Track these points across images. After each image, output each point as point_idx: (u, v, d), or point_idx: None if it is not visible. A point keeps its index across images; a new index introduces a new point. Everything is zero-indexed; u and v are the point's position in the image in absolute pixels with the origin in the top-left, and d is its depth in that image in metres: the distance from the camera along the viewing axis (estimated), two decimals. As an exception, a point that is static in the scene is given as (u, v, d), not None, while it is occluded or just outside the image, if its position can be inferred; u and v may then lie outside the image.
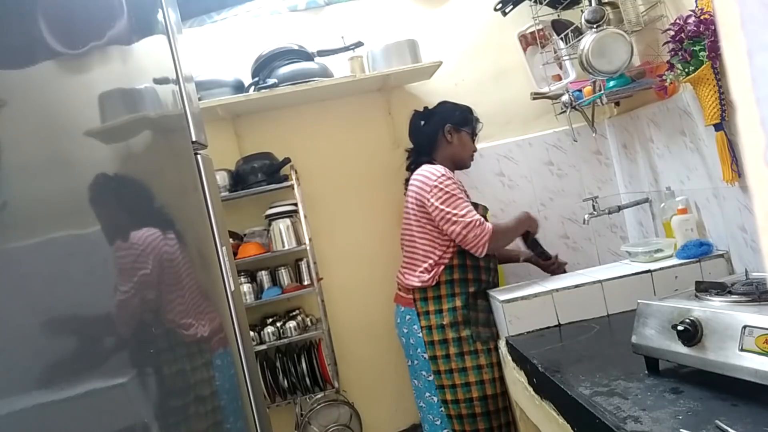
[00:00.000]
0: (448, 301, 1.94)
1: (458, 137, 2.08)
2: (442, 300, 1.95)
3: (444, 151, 2.08)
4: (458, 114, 2.10)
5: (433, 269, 1.96)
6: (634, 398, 1.15)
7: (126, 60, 0.94)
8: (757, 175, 0.26)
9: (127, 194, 0.84)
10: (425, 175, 1.95)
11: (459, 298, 1.94)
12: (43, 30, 0.66)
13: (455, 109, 2.12)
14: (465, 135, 2.09)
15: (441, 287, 1.95)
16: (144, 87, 0.99)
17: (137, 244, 0.81)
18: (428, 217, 1.95)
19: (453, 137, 2.07)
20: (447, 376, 1.93)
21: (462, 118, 2.09)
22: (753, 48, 0.25)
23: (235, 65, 2.42)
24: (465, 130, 2.09)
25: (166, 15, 1.19)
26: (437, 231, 1.95)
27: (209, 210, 1.17)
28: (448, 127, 2.07)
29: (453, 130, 2.07)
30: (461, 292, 1.95)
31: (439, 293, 1.95)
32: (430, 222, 1.96)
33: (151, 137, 0.98)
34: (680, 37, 1.57)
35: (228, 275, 1.20)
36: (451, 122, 2.07)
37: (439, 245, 1.95)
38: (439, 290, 1.96)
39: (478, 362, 1.91)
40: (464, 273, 1.96)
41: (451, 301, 1.94)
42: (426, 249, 1.98)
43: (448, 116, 2.08)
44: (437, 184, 1.91)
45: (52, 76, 0.68)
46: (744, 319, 1.03)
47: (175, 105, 1.14)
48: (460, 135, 2.08)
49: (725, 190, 1.69)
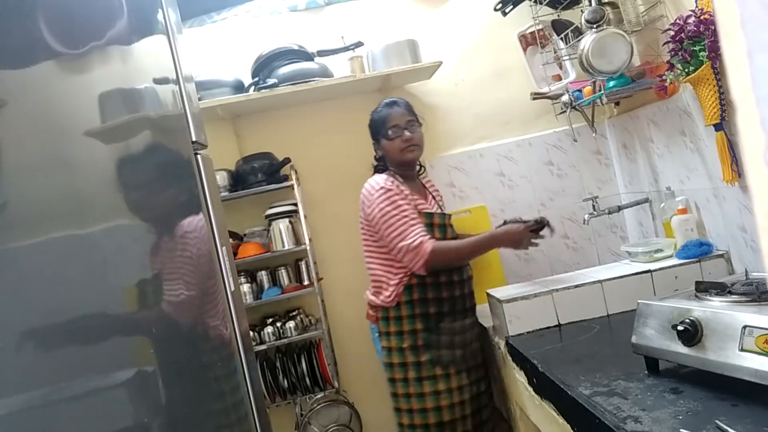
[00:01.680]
0: (409, 322, 1.84)
1: (382, 147, 1.95)
2: (403, 321, 1.85)
3: (387, 158, 1.97)
4: (371, 127, 1.99)
5: (393, 288, 1.85)
6: (634, 398, 1.15)
7: (126, 60, 0.94)
8: (757, 175, 0.26)
9: (127, 194, 0.84)
10: (364, 191, 1.89)
11: (420, 320, 1.84)
12: (43, 30, 0.66)
13: (370, 122, 2.00)
14: (384, 141, 1.93)
15: (401, 308, 1.85)
16: (144, 87, 0.99)
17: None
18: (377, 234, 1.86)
19: (379, 148, 1.98)
20: (404, 400, 1.86)
21: (373, 130, 1.98)
22: (753, 48, 0.25)
23: (235, 65, 2.42)
24: (381, 138, 1.93)
25: (166, 15, 1.19)
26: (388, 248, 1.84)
27: (209, 210, 1.17)
28: (373, 144, 2.00)
29: (376, 145, 1.99)
30: (421, 313, 1.84)
31: (399, 314, 1.85)
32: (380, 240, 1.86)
33: (151, 137, 0.98)
34: (680, 37, 1.57)
35: (228, 275, 1.20)
36: (373, 138, 1.99)
37: (395, 263, 1.85)
38: (399, 311, 1.85)
39: (437, 388, 1.83)
40: (424, 292, 1.85)
41: (411, 323, 1.84)
42: (382, 267, 1.88)
43: (370, 129, 2.00)
44: (372, 201, 1.83)
45: (52, 76, 0.68)
46: (744, 319, 1.03)
47: (175, 105, 1.14)
48: (381, 145, 1.95)
49: (725, 190, 1.69)
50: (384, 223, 1.78)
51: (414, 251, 1.75)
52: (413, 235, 1.76)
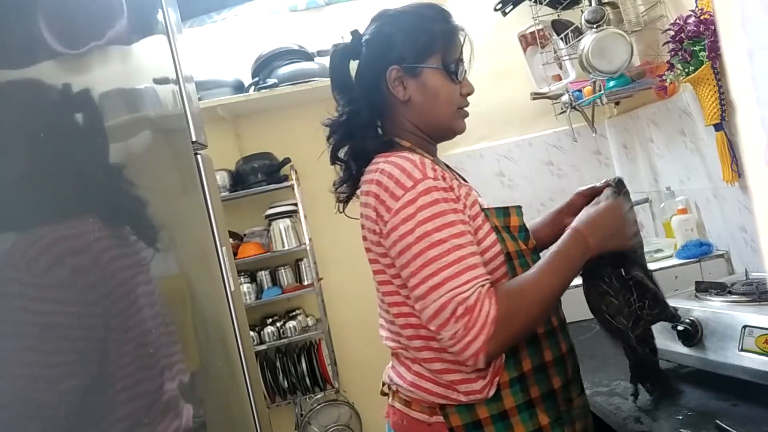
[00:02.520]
0: (524, 419, 0.93)
1: (418, 85, 0.99)
2: (513, 419, 0.93)
3: (399, 117, 1.02)
4: (406, 35, 0.99)
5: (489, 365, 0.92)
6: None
7: (126, 60, 0.94)
8: (757, 175, 0.26)
9: (127, 194, 0.84)
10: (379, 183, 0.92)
11: (543, 407, 0.94)
12: (43, 30, 0.66)
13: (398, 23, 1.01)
14: (432, 75, 0.99)
15: (505, 396, 0.93)
16: (144, 87, 0.99)
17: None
18: None
19: (408, 88, 0.99)
20: None
21: (417, 42, 0.99)
22: (753, 48, 0.25)
23: (235, 65, 2.42)
24: (430, 66, 0.99)
25: (166, 15, 1.19)
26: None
27: (209, 210, 1.17)
28: (393, 71, 0.98)
29: (403, 75, 0.99)
30: (545, 393, 0.95)
31: (502, 407, 0.93)
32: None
33: (151, 137, 0.98)
34: (680, 37, 1.57)
35: (228, 275, 1.20)
36: (395, 57, 0.99)
37: None
38: (501, 402, 0.93)
39: None
40: (538, 355, 0.96)
41: (529, 419, 0.93)
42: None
43: (386, 48, 1.00)
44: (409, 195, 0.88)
45: (52, 76, 0.68)
46: (744, 319, 1.03)
47: (175, 105, 1.14)
48: (421, 80, 0.99)
49: (725, 190, 1.69)
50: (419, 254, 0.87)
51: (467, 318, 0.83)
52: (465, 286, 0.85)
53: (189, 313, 0.99)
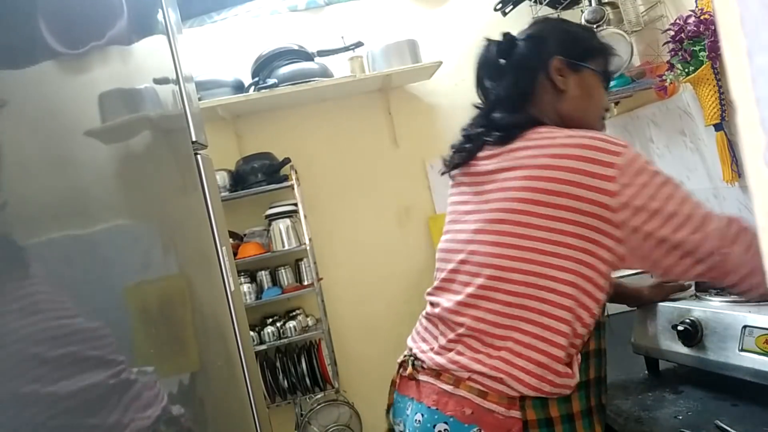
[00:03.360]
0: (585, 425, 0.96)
1: (577, 80, 1.06)
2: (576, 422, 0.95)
3: (549, 106, 1.06)
4: (573, 35, 1.10)
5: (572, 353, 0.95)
6: (634, 398, 1.15)
7: (126, 60, 0.94)
8: (757, 175, 0.26)
9: (127, 194, 0.84)
10: (586, 144, 0.91)
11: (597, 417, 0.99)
12: (43, 30, 0.66)
13: (565, 27, 1.13)
14: (591, 76, 1.07)
15: (573, 399, 0.95)
16: (144, 87, 0.99)
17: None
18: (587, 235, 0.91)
19: (567, 80, 1.06)
20: None
21: (581, 43, 1.09)
22: (753, 48, 0.25)
23: (235, 65, 2.42)
24: (590, 67, 1.07)
25: (166, 15, 1.19)
26: (599, 267, 0.93)
27: (209, 210, 1.17)
28: (558, 60, 1.05)
29: (565, 67, 1.06)
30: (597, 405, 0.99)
31: (570, 409, 0.95)
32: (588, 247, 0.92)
33: (151, 137, 0.98)
34: (680, 37, 1.57)
35: (228, 275, 1.20)
36: (560, 51, 1.06)
37: (590, 297, 0.93)
38: (570, 404, 0.95)
39: None
40: (599, 367, 1.00)
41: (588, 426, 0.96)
42: (562, 305, 0.92)
43: (552, 41, 1.08)
44: (625, 159, 0.90)
45: (52, 76, 0.68)
46: (744, 319, 1.03)
47: (175, 105, 1.14)
48: (580, 76, 1.06)
49: (725, 190, 1.69)
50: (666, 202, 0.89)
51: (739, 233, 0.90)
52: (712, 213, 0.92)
53: (189, 313, 0.99)
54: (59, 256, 0.62)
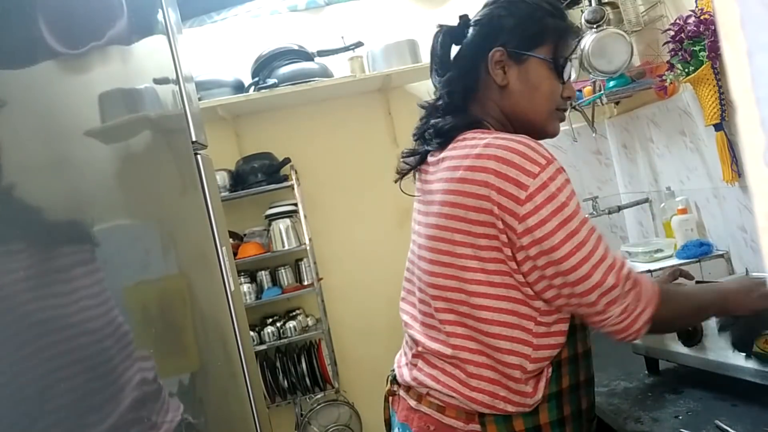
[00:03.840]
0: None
1: (519, 73, 0.97)
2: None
3: (491, 102, 0.99)
4: (520, 19, 0.97)
5: (536, 373, 0.92)
6: (634, 398, 1.15)
7: (126, 60, 0.94)
8: (757, 175, 0.26)
9: (127, 194, 0.84)
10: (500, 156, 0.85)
11: (572, 426, 0.95)
12: (43, 30, 0.66)
13: (515, 7, 0.98)
14: (537, 66, 0.96)
15: (542, 411, 0.93)
16: (144, 87, 0.99)
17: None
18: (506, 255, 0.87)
19: (508, 73, 0.97)
20: None
21: (529, 28, 0.97)
22: (753, 48, 0.25)
23: (235, 65, 2.42)
24: (537, 56, 0.96)
25: (166, 15, 1.19)
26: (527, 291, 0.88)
27: (209, 210, 1.17)
28: (497, 52, 0.96)
29: (507, 59, 0.96)
30: (573, 412, 0.95)
31: (537, 422, 0.92)
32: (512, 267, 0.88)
33: (151, 137, 0.98)
34: (680, 37, 1.57)
35: (228, 275, 1.20)
36: (503, 39, 0.97)
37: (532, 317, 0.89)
38: (537, 416, 0.92)
39: None
40: (575, 374, 0.96)
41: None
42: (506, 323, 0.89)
43: (495, 28, 0.98)
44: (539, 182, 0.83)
45: (52, 76, 0.68)
46: (744, 319, 1.03)
47: (175, 105, 1.14)
48: (524, 68, 0.96)
49: (725, 190, 1.69)
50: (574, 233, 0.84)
51: (636, 289, 0.87)
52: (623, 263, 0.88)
53: (189, 313, 0.99)
54: (59, 255, 0.62)
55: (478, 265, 0.87)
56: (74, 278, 0.63)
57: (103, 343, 0.66)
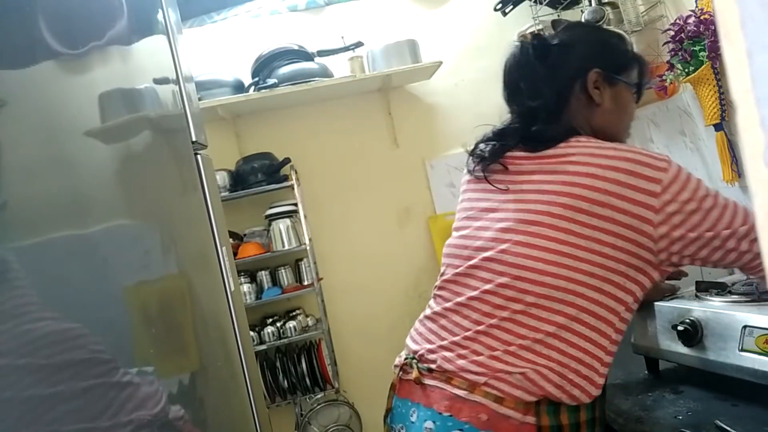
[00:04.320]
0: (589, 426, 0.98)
1: (612, 94, 1.06)
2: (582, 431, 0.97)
3: (581, 116, 1.06)
4: (612, 47, 1.10)
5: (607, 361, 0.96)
6: (634, 398, 1.15)
7: (126, 60, 0.94)
8: (757, 175, 0.26)
9: (127, 194, 0.84)
10: (630, 158, 0.92)
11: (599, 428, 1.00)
12: (43, 30, 0.66)
13: (605, 37, 1.12)
14: (625, 90, 1.08)
15: (582, 407, 0.96)
16: (144, 87, 0.99)
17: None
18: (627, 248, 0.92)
19: (603, 93, 1.06)
20: None
21: (620, 56, 1.10)
22: (753, 48, 0.25)
23: (235, 65, 2.42)
24: (625, 81, 1.07)
25: (166, 15, 1.19)
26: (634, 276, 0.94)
27: (209, 210, 1.17)
28: (595, 73, 1.05)
29: (601, 81, 1.06)
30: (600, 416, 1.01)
31: (578, 419, 0.96)
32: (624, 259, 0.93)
33: (151, 137, 0.98)
34: (680, 37, 1.57)
35: (228, 275, 1.20)
36: (599, 63, 1.06)
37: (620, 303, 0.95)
38: (578, 412, 0.96)
39: None
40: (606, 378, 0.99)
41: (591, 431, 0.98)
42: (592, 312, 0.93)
43: (592, 51, 1.08)
44: (670, 175, 0.91)
45: (52, 76, 0.68)
46: (744, 319, 1.03)
47: (175, 105, 1.14)
48: (616, 90, 1.07)
49: (725, 190, 1.69)
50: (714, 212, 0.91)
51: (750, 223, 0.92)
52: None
53: (189, 313, 0.99)
54: (59, 255, 0.62)
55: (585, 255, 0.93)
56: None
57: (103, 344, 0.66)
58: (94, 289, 0.68)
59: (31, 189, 0.59)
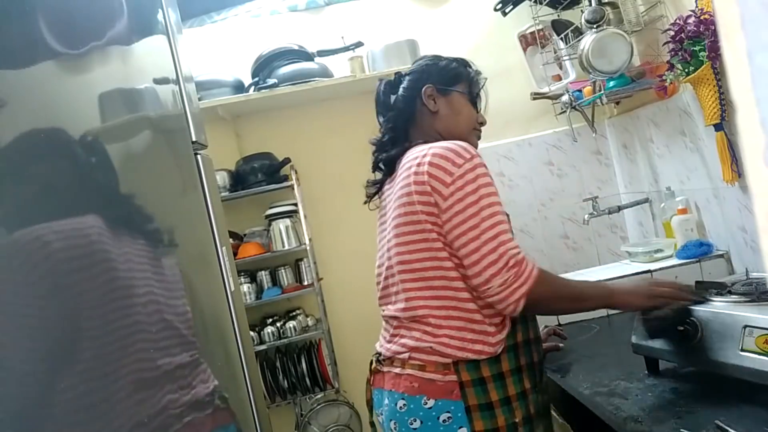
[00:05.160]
0: (515, 381, 1.14)
1: (446, 102, 1.30)
2: (507, 381, 1.14)
3: (427, 126, 1.30)
4: (441, 67, 1.33)
5: (501, 323, 1.15)
6: (634, 398, 1.15)
7: (126, 60, 0.94)
8: (757, 175, 0.26)
9: (127, 194, 0.84)
10: (445, 157, 1.13)
11: (527, 376, 1.17)
12: (43, 30, 0.66)
13: (436, 61, 1.35)
14: (458, 97, 1.31)
15: (503, 360, 1.14)
16: (144, 87, 0.99)
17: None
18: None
19: (438, 102, 1.29)
20: None
21: (449, 72, 1.32)
22: (753, 48, 0.25)
23: (235, 65, 2.42)
24: (457, 90, 1.31)
25: (166, 15, 1.19)
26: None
27: (209, 210, 1.17)
28: (428, 88, 1.29)
29: (435, 92, 1.30)
30: (527, 364, 1.18)
31: (500, 369, 1.13)
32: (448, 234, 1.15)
33: (151, 137, 0.98)
34: (680, 37, 1.57)
35: (228, 275, 1.20)
36: (431, 80, 1.30)
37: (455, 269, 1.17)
38: (499, 365, 1.13)
39: None
40: (526, 332, 1.20)
41: (518, 382, 1.15)
42: (454, 279, 1.15)
43: (425, 74, 1.32)
44: (464, 172, 1.11)
45: (52, 76, 0.68)
46: (744, 319, 1.03)
47: (175, 105, 1.14)
48: (448, 98, 1.30)
49: (725, 190, 1.69)
50: (477, 214, 1.09)
51: (517, 268, 1.07)
52: (514, 246, 1.10)
53: (189, 313, 0.99)
54: (59, 255, 0.62)
55: (420, 237, 1.15)
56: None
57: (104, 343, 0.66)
58: (93, 289, 0.68)
59: (31, 189, 0.59)
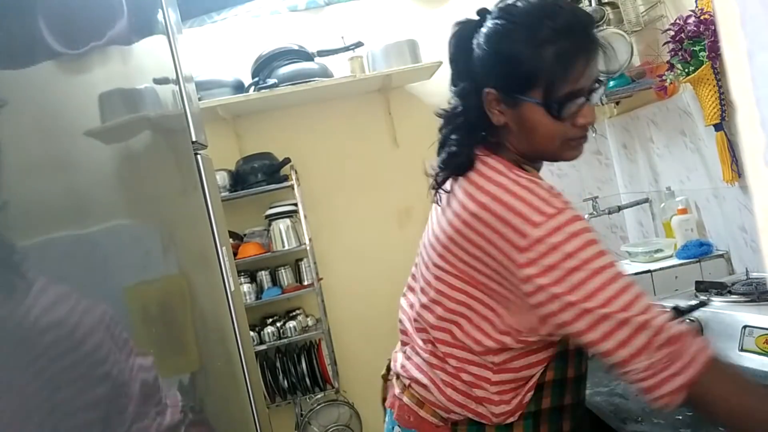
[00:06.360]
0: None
1: (514, 116, 0.88)
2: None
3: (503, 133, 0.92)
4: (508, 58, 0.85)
5: (518, 390, 0.91)
6: (634, 398, 1.15)
7: (126, 60, 0.94)
8: (757, 175, 0.26)
9: (127, 194, 0.84)
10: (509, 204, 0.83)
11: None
12: (43, 30, 0.66)
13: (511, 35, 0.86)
14: (532, 110, 0.86)
15: (516, 427, 0.92)
16: (144, 87, 0.99)
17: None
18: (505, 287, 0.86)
19: (505, 114, 0.89)
20: None
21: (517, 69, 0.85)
22: (753, 48, 0.25)
23: (235, 65, 2.42)
24: (528, 100, 0.85)
25: (166, 15, 1.19)
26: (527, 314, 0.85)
27: (209, 210, 1.17)
28: (489, 93, 0.88)
29: (499, 101, 0.88)
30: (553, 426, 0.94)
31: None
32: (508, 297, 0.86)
33: (151, 137, 0.98)
34: (680, 37, 1.57)
35: (228, 275, 1.20)
36: (493, 83, 0.88)
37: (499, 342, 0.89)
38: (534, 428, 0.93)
39: None
40: (560, 396, 0.94)
41: None
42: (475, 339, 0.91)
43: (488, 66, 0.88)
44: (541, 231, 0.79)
45: (52, 76, 0.68)
46: (744, 319, 1.03)
47: (175, 105, 1.14)
48: (518, 112, 0.87)
49: (725, 190, 1.69)
50: (583, 278, 0.78)
51: (669, 347, 0.75)
52: (656, 313, 0.77)
53: (189, 313, 0.99)
54: (59, 256, 0.62)
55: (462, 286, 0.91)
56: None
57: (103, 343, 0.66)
58: (94, 289, 0.68)
59: (31, 189, 0.59)
